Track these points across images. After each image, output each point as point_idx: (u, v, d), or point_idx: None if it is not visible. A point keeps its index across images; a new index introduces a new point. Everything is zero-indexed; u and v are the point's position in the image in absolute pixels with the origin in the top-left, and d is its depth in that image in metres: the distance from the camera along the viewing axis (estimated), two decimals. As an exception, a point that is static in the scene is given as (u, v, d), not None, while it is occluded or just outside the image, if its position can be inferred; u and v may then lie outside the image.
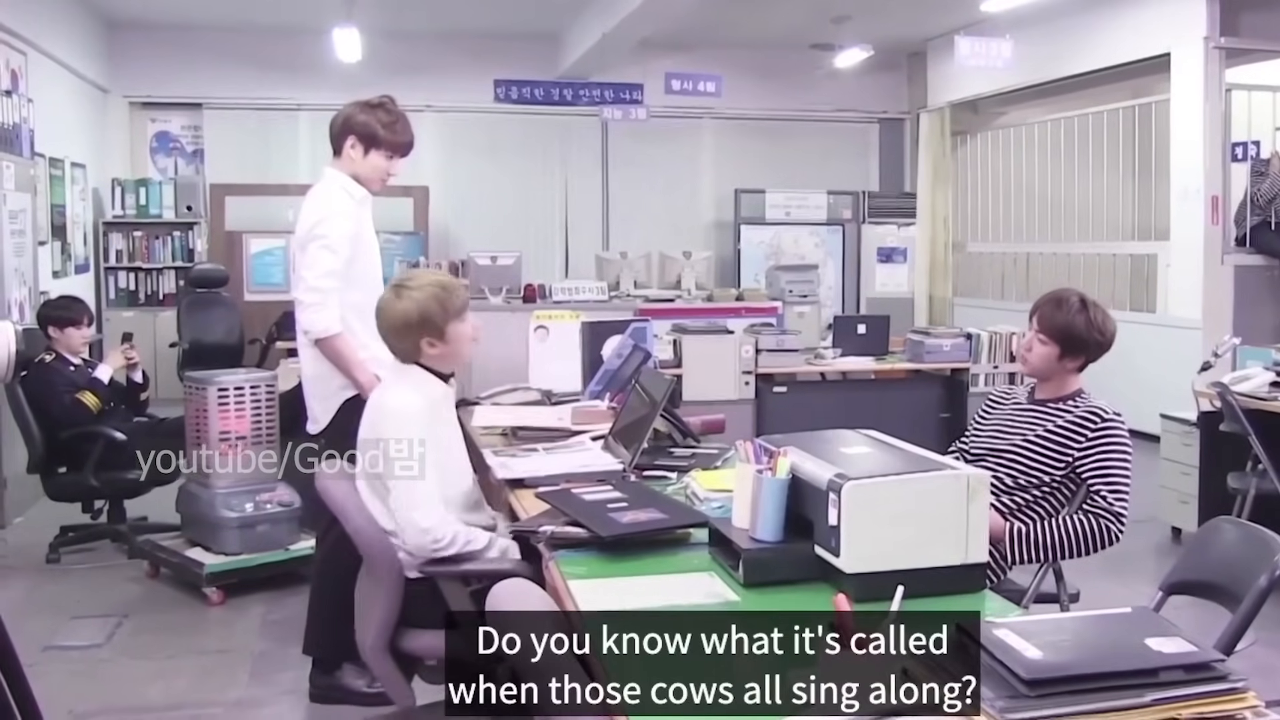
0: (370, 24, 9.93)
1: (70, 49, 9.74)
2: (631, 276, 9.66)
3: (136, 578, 5.48)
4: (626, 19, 9.26)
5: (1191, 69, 8.42)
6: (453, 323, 3.13)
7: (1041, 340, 3.38)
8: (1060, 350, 3.35)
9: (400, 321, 3.10)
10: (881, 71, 12.40)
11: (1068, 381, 3.40)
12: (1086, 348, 3.36)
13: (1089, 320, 3.35)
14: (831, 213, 12.37)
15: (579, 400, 4.52)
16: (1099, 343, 3.37)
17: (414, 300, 3.10)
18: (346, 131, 3.99)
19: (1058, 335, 3.35)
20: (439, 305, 3.10)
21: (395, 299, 3.12)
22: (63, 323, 5.85)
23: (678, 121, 12.13)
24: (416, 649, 3.09)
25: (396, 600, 3.01)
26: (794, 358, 7.20)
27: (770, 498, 2.41)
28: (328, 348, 3.90)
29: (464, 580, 2.99)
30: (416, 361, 3.14)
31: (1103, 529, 3.19)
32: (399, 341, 3.14)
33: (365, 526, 3.02)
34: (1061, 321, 3.35)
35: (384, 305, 3.16)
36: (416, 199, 11.11)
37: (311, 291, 3.88)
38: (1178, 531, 6.13)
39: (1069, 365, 3.37)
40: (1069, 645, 1.71)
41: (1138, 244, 9.72)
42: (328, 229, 3.91)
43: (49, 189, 8.74)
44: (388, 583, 3.00)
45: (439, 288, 3.14)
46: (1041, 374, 3.42)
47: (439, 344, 3.12)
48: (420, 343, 3.10)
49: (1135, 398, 8.68)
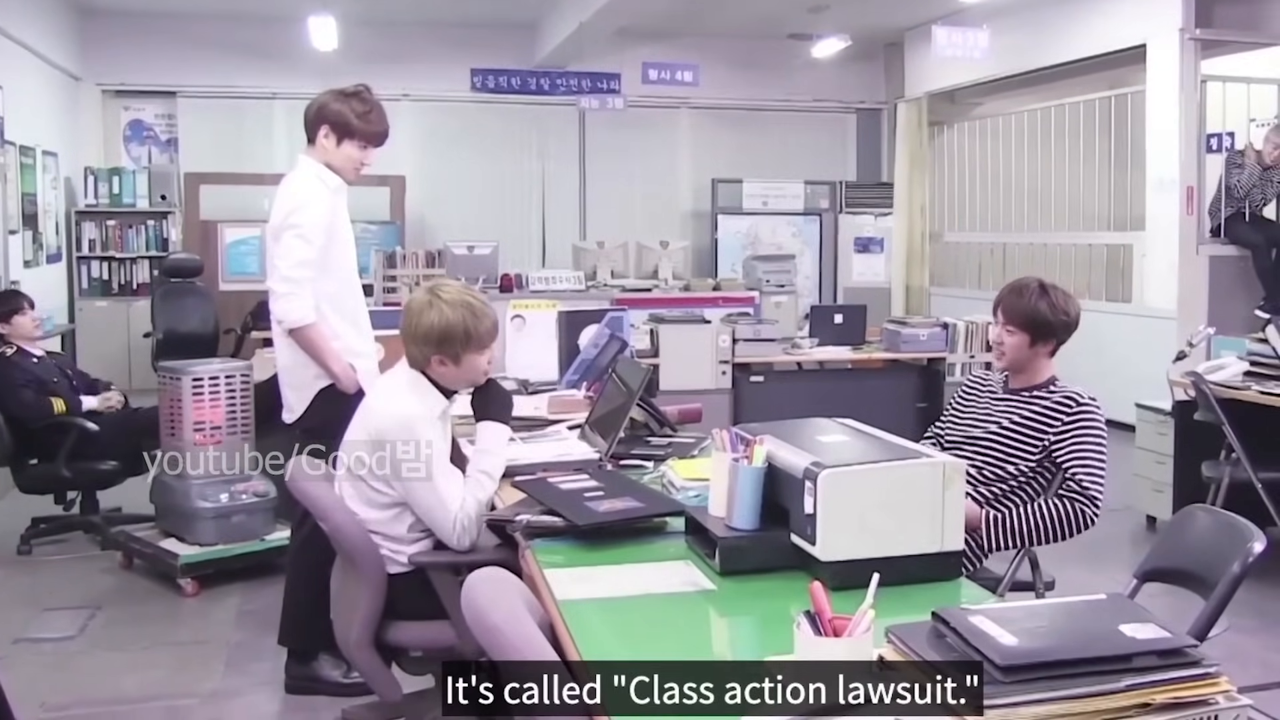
0: (347, 12, 9.88)
1: (41, 36, 9.64)
2: (609, 266, 9.65)
3: (110, 569, 5.44)
4: (604, 8, 9.24)
5: (1167, 60, 8.45)
6: (471, 353, 3.06)
7: (1010, 331, 3.40)
8: (1030, 337, 3.37)
9: (422, 330, 3.02)
10: (859, 61, 12.42)
11: (1041, 369, 3.42)
12: (1054, 331, 3.38)
13: (1051, 303, 3.38)
14: (809, 202, 12.40)
15: (555, 390, 4.51)
16: (1065, 324, 3.39)
17: (443, 315, 3.02)
18: (320, 120, 3.95)
19: (1024, 323, 3.37)
20: (463, 331, 3.03)
21: (426, 305, 3.04)
22: (6, 314, 5.78)
23: (655, 111, 12.12)
24: (402, 641, 3.08)
25: (381, 597, 3.00)
26: (771, 347, 7.21)
27: (746, 486, 2.41)
28: (301, 337, 3.88)
29: (454, 570, 2.98)
30: (424, 371, 3.08)
31: (1078, 513, 3.20)
32: (413, 346, 3.07)
33: (346, 524, 3.00)
34: (1025, 309, 3.38)
35: (413, 306, 3.08)
36: (393, 188, 11.06)
37: (285, 281, 3.85)
38: (1153, 520, 6.17)
39: (1041, 351, 3.39)
40: (1044, 632, 1.71)
41: (1113, 234, 9.77)
42: (302, 218, 3.88)
43: (19, 177, 8.65)
44: (372, 579, 2.99)
45: (469, 312, 3.04)
46: (1018, 365, 3.44)
47: (450, 365, 3.05)
48: (432, 357, 3.04)
49: (1111, 387, 8.71)
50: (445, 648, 3.02)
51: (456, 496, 2.96)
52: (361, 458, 3.01)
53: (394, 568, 3.02)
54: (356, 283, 4.13)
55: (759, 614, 2.28)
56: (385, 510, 3.02)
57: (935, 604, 1.81)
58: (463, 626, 2.92)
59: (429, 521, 2.99)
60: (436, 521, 2.97)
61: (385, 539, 3.03)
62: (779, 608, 2.15)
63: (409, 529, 3.03)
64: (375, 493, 3.01)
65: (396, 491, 2.99)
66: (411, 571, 3.01)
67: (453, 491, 2.97)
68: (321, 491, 3.05)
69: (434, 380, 3.08)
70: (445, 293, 3.07)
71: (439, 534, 2.99)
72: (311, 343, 3.88)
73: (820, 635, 1.72)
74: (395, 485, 2.98)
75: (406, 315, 3.09)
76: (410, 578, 3.01)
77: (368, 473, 3.00)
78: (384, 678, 3.09)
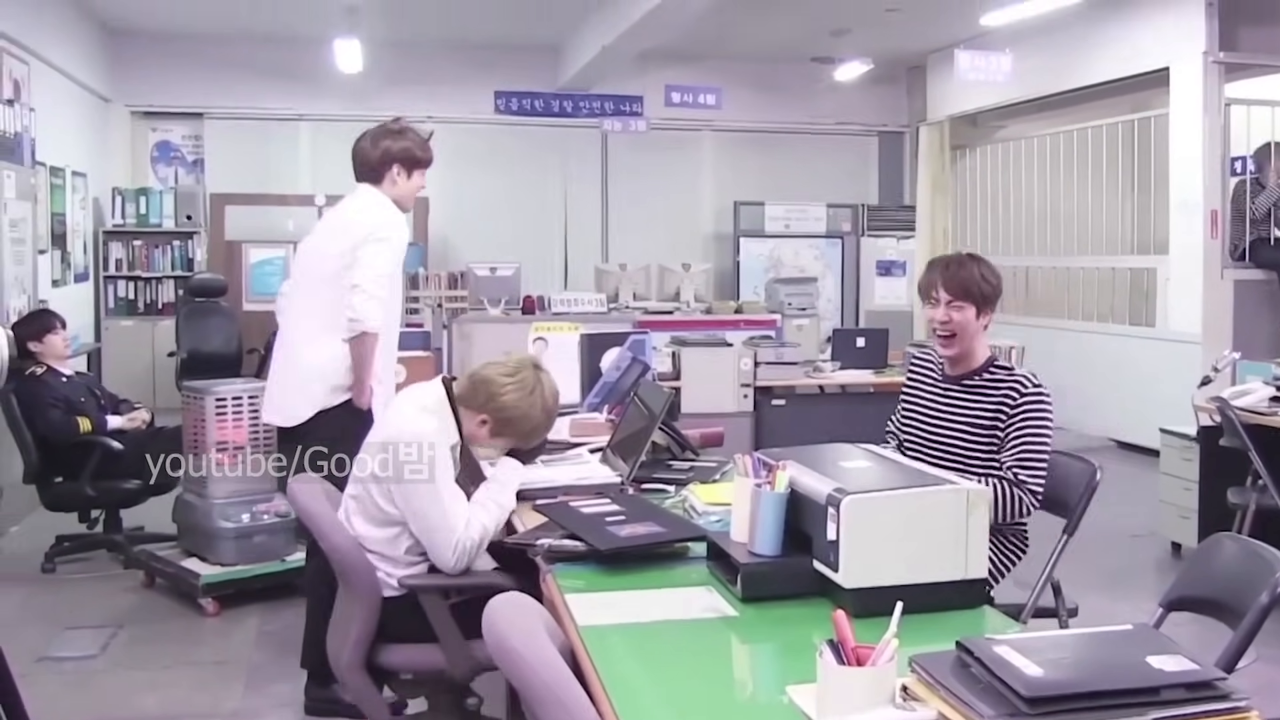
0: (372, 34, 9.95)
1: (72, 58, 9.75)
2: (631, 288, 9.66)
3: (132, 588, 5.46)
4: (627, 31, 9.27)
5: (1190, 84, 8.43)
6: (513, 440, 3.12)
7: (956, 306, 3.33)
8: (976, 306, 3.33)
9: (505, 403, 3.04)
10: (881, 85, 12.43)
11: (979, 346, 3.39)
12: (992, 299, 3.36)
13: (985, 269, 3.36)
14: (831, 225, 12.39)
15: (577, 412, 4.51)
16: (998, 290, 3.38)
17: (534, 408, 3.07)
18: (389, 161, 4.10)
19: (968, 293, 3.32)
20: (531, 429, 3.10)
21: (529, 389, 3.06)
22: (39, 333, 5.82)
23: (677, 134, 12.16)
24: (393, 663, 3.07)
25: (374, 618, 3.00)
26: (793, 370, 7.19)
27: (769, 512, 2.40)
28: (361, 344, 3.93)
29: (444, 594, 2.98)
30: (454, 408, 3.09)
31: (1016, 499, 3.20)
32: (480, 396, 3.07)
33: (343, 544, 3.00)
34: (967, 279, 3.34)
35: (517, 375, 3.08)
36: (416, 210, 11.06)
37: (375, 282, 3.93)
38: (1178, 547, 6.11)
39: (982, 324, 3.36)
40: (1070, 663, 1.69)
41: (1137, 258, 9.72)
42: (390, 233, 4.03)
43: (49, 198, 8.73)
44: (365, 601, 2.99)
45: (548, 418, 3.14)
46: (965, 344, 3.36)
47: (487, 433, 3.08)
48: (482, 419, 3.06)
49: (1135, 412, 8.73)
50: (435, 671, 3.02)
51: (462, 516, 2.95)
52: (365, 460, 3.01)
53: (387, 590, 3.01)
54: (400, 312, 4.29)
55: (781, 641, 2.27)
56: (385, 529, 3.01)
57: (959, 632, 1.80)
58: (452, 649, 2.94)
59: (427, 539, 2.95)
60: (436, 538, 2.94)
61: (382, 560, 3.02)
62: (801, 635, 2.14)
63: (406, 551, 3.02)
64: (377, 510, 3.00)
65: (398, 509, 2.97)
66: (403, 595, 3.00)
67: (458, 510, 2.96)
68: (321, 509, 3.05)
69: (458, 421, 3.08)
70: (549, 392, 3.11)
71: (435, 552, 2.95)
72: (366, 352, 3.94)
73: (843, 664, 1.71)
74: (398, 499, 2.95)
75: (500, 371, 3.08)
76: (402, 601, 3.01)
77: (370, 478, 2.99)
78: (374, 700, 3.09)
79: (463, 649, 2.96)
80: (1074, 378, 9.40)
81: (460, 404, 3.08)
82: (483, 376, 3.08)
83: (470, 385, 3.09)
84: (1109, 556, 5.99)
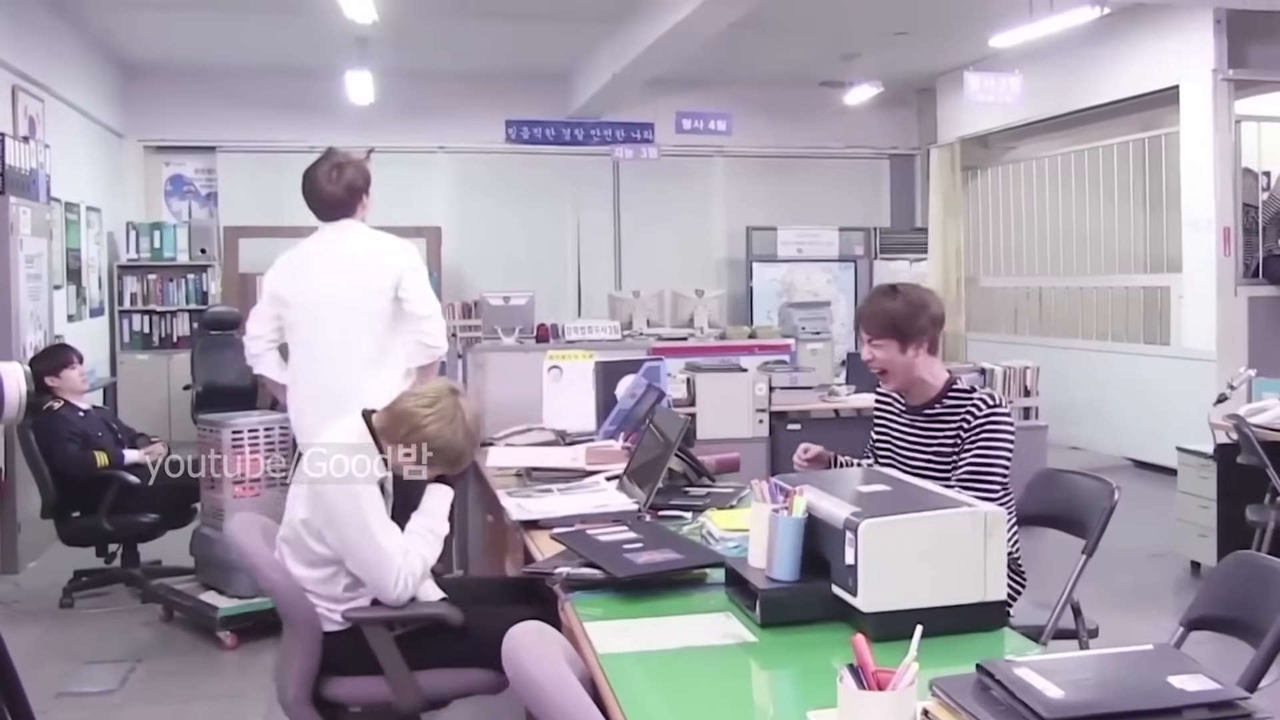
0: (383, 66, 10.02)
1: (87, 94, 9.85)
2: (644, 315, 9.67)
3: (150, 622, 5.47)
4: (637, 59, 9.32)
5: (1201, 101, 8.44)
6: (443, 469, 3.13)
7: (877, 345, 3.28)
8: (899, 341, 3.25)
9: (428, 434, 3.03)
10: (891, 107, 12.47)
11: (929, 375, 3.31)
12: (918, 327, 3.24)
13: (905, 299, 3.25)
14: (843, 249, 12.40)
15: (593, 440, 4.51)
16: (926, 315, 3.25)
17: (456, 435, 3.06)
18: (357, 192, 4.24)
19: (884, 329, 3.26)
20: (458, 455, 3.09)
21: (449, 417, 3.05)
22: (56, 368, 5.85)
23: (689, 160, 12.19)
24: (340, 696, 3.06)
25: (316, 653, 3.00)
26: (807, 395, 7.18)
27: (786, 537, 2.39)
28: (434, 368, 4.14)
29: (388, 625, 2.98)
30: (378, 442, 3.06)
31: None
32: (401, 428, 3.05)
33: (280, 583, 3.01)
34: (879, 314, 3.27)
35: (437, 404, 3.06)
36: (429, 239, 11.14)
37: (437, 307, 4.16)
38: (1197, 566, 6.08)
39: (915, 355, 3.26)
40: (1091, 684, 1.69)
41: (1150, 276, 9.71)
42: (415, 257, 4.24)
43: (65, 233, 8.80)
44: (305, 637, 2.99)
45: (472, 443, 3.14)
46: (902, 378, 3.31)
47: (411, 464, 3.05)
48: (403, 448, 3.04)
49: (1151, 431, 8.69)
50: (383, 703, 3.02)
51: (399, 548, 2.96)
52: (294, 503, 3.01)
53: (329, 626, 3.01)
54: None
55: (801, 666, 2.26)
56: (319, 569, 3.00)
57: (979, 655, 1.79)
58: (398, 682, 2.94)
59: (368, 575, 2.95)
60: (377, 574, 2.94)
61: (320, 599, 3.01)
62: (821, 660, 2.14)
63: (344, 589, 3.01)
64: (309, 551, 2.99)
65: (332, 549, 2.96)
66: (347, 628, 3.00)
67: (394, 544, 2.96)
68: (256, 547, 3.05)
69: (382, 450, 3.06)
70: (470, 414, 3.09)
71: (378, 587, 2.95)
72: (435, 374, 4.11)
73: (864, 689, 1.70)
74: (330, 539, 2.95)
75: (420, 403, 3.06)
76: (347, 634, 3.00)
77: (300, 522, 2.98)
78: None
79: (409, 681, 2.97)
80: (1089, 397, 9.39)
81: (383, 437, 3.06)
82: (403, 410, 3.06)
83: (391, 419, 3.07)
84: (1128, 576, 5.96)
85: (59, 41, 9.10)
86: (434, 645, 3.00)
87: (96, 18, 9.42)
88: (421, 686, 2.99)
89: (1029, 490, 3.68)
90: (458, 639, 3.00)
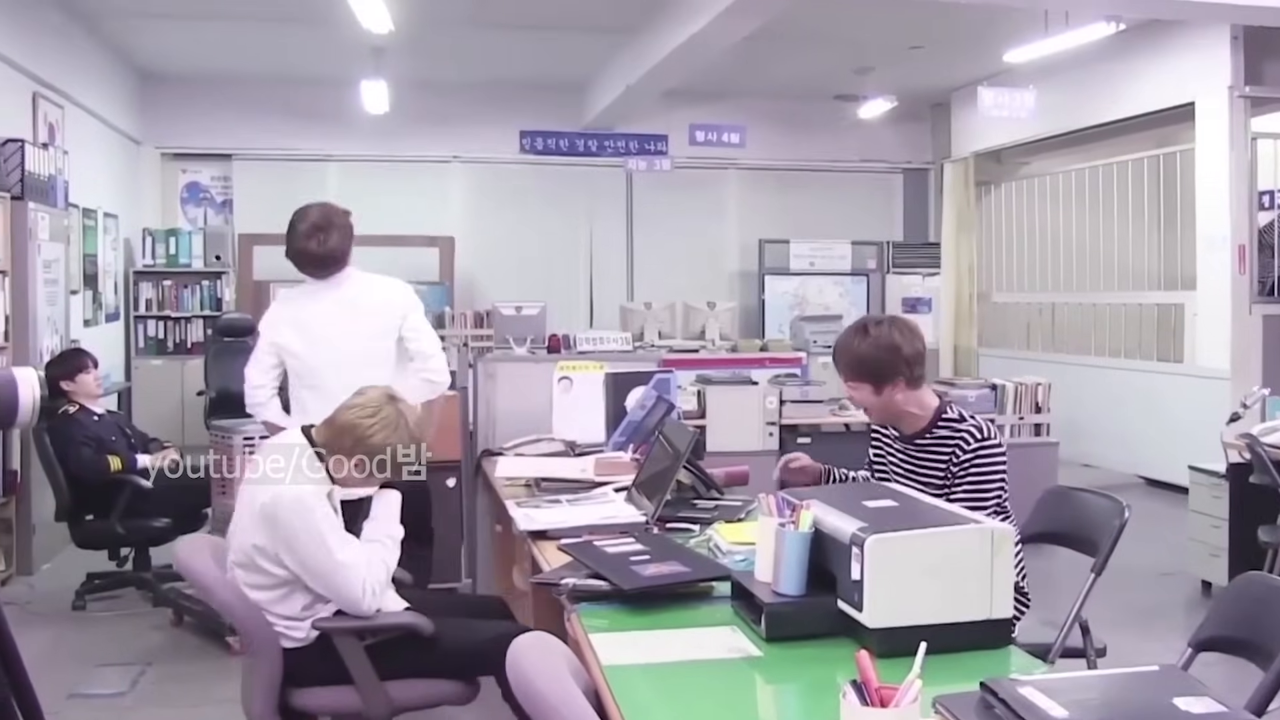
0: (398, 76, 10.05)
1: (105, 102, 9.91)
2: (656, 327, 9.67)
3: (161, 626, 5.49)
4: (651, 70, 9.34)
5: (1216, 118, 8.43)
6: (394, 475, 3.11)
7: (853, 387, 3.27)
8: (871, 384, 3.22)
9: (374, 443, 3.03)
10: (905, 122, 12.47)
11: (917, 408, 3.28)
12: (889, 368, 3.19)
13: (874, 344, 3.19)
14: (856, 263, 12.40)
15: (603, 451, 4.51)
16: (898, 354, 3.18)
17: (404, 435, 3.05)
18: (348, 245, 4.34)
19: (855, 372, 3.24)
20: (380, 442, 3.05)
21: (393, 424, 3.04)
22: (72, 373, 5.87)
23: (702, 172, 12.20)
24: (309, 706, 3.07)
25: (275, 668, 3.00)
26: (818, 408, 7.17)
27: (792, 551, 2.39)
28: (439, 402, 4.29)
29: (359, 635, 2.99)
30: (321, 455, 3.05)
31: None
32: (344, 439, 3.03)
33: (230, 602, 3.01)
34: (849, 358, 3.24)
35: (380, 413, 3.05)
36: (442, 249, 11.18)
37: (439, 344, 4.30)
38: (1208, 585, 6.06)
39: (894, 393, 3.22)
40: (1095, 704, 1.69)
41: (1164, 294, 9.69)
42: (419, 303, 4.39)
43: (82, 239, 8.85)
44: (266, 654, 3.00)
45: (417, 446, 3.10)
46: (881, 415, 3.31)
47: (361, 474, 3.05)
48: (351, 462, 3.03)
49: (1163, 449, 8.66)
50: (352, 713, 3.02)
51: (360, 559, 2.97)
52: (249, 540, 2.97)
53: (289, 643, 3.01)
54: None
55: (805, 681, 2.26)
56: (273, 591, 3.00)
57: (984, 672, 1.79)
58: (368, 691, 2.94)
59: (333, 592, 2.95)
60: (343, 590, 2.94)
61: (278, 618, 3.01)
62: (825, 675, 2.14)
63: (303, 607, 3.01)
64: (265, 576, 2.98)
65: (292, 570, 2.96)
66: (313, 641, 3.00)
67: (354, 556, 2.96)
68: (203, 568, 3.04)
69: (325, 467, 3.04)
70: (412, 418, 3.09)
71: (346, 601, 2.96)
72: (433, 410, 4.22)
73: (867, 705, 1.71)
74: (290, 561, 2.94)
75: (361, 414, 3.05)
76: (313, 647, 3.01)
77: (254, 549, 2.96)
78: None
79: (378, 691, 2.97)
80: (1101, 415, 9.35)
81: (327, 450, 3.05)
82: (345, 422, 3.05)
83: (333, 433, 3.06)
84: (1138, 595, 5.94)
85: (78, 50, 9.17)
86: (403, 655, 3.02)
87: (115, 27, 9.49)
88: (391, 696, 2.99)
89: (1039, 507, 3.66)
90: (426, 650, 3.02)
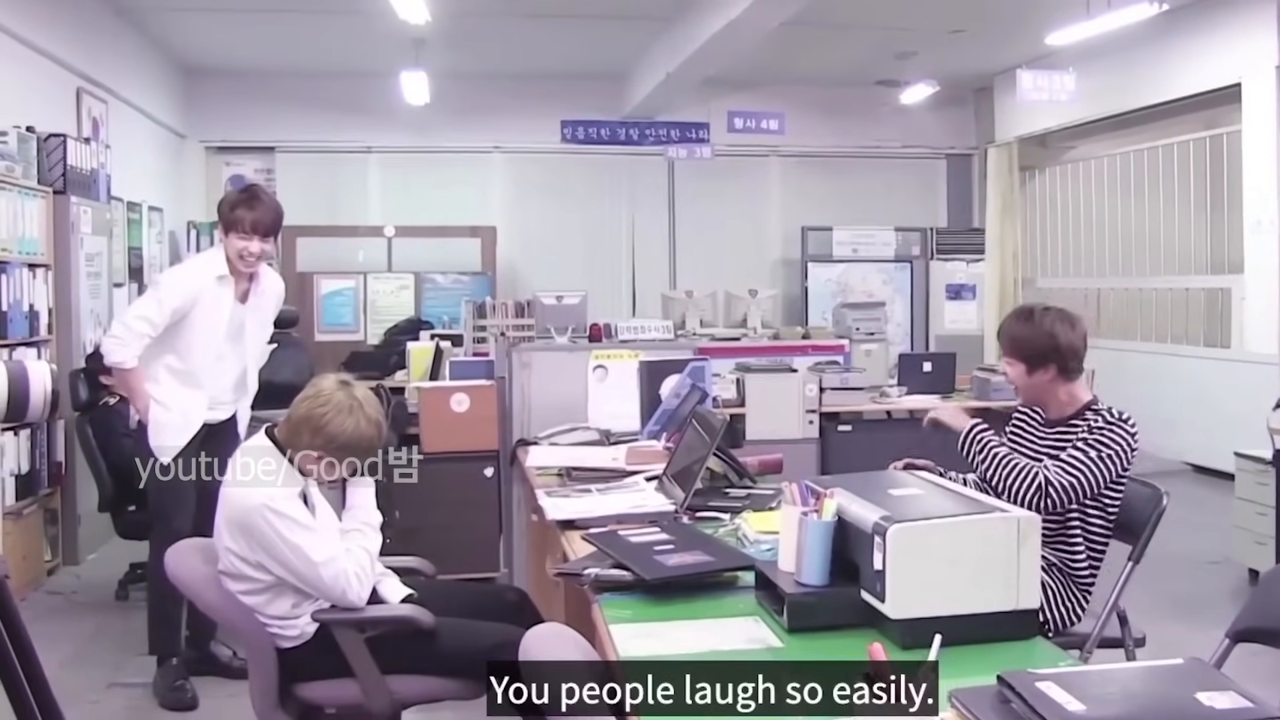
0: (438, 67, 10.08)
1: (149, 96, 10.01)
2: (698, 315, 9.63)
3: (201, 615, 5.54)
4: (690, 58, 9.31)
5: (1263, 98, 8.27)
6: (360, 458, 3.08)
7: (1009, 363, 3.35)
8: (1025, 364, 3.30)
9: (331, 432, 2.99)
10: (948, 107, 12.34)
11: (1066, 399, 3.33)
12: (1045, 355, 3.27)
13: (1034, 328, 3.28)
14: (899, 249, 12.31)
15: (637, 440, 4.50)
16: (1054, 346, 3.26)
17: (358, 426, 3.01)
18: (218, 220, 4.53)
19: (1012, 350, 3.32)
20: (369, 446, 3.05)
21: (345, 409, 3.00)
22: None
23: (744, 160, 12.16)
24: (313, 699, 3.06)
25: (271, 665, 3.00)
26: (858, 396, 7.12)
27: (815, 541, 2.36)
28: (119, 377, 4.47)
29: (359, 628, 2.98)
30: (285, 452, 3.02)
31: (1036, 489, 3.12)
32: (304, 434, 3.01)
33: (217, 601, 3.01)
34: (1009, 334, 3.34)
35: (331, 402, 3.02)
36: (484, 239, 11.21)
37: (119, 325, 4.41)
38: (1255, 574, 5.95)
39: (1043, 379, 3.30)
40: (1115, 699, 1.65)
41: (1211, 278, 9.54)
42: (166, 280, 4.56)
43: (126, 232, 8.94)
44: (258, 652, 3.01)
45: (379, 431, 3.06)
46: (1029, 395, 3.38)
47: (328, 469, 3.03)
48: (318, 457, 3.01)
49: (1209, 435, 8.54)
50: (356, 705, 3.01)
51: (339, 551, 2.96)
52: (230, 547, 2.97)
53: (285, 642, 3.01)
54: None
55: (824, 674, 2.23)
56: (260, 595, 2.99)
57: (1009, 664, 1.77)
58: (369, 685, 2.94)
59: (318, 589, 2.95)
60: (327, 584, 2.93)
61: (270, 619, 3.01)
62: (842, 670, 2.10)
63: (292, 606, 3.00)
64: (251, 582, 2.98)
65: (270, 575, 2.95)
66: (311, 637, 3.00)
67: (331, 549, 2.95)
68: (191, 573, 3.04)
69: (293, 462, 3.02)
70: (367, 402, 3.05)
71: (332, 595, 2.94)
72: (124, 383, 4.57)
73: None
74: (272, 565, 2.93)
75: (315, 405, 3.02)
76: (312, 643, 3.00)
77: (240, 559, 2.96)
78: None
79: (380, 684, 2.96)
80: (1147, 400, 9.21)
81: (290, 448, 3.02)
82: (301, 415, 3.02)
83: (292, 428, 3.04)
84: (1182, 583, 5.85)
85: (122, 45, 9.26)
86: (405, 650, 3.01)
87: (158, 21, 9.58)
88: (393, 690, 2.99)
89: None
90: (429, 646, 3.00)
